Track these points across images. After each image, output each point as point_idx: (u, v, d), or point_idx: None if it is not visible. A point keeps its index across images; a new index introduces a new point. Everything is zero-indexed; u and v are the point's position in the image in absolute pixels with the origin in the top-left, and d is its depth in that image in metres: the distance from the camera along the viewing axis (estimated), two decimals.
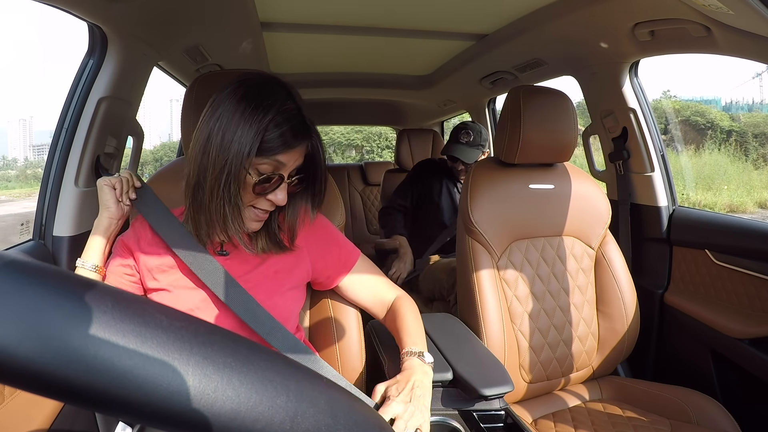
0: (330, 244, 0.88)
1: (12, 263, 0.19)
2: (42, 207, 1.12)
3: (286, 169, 0.74)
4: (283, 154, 0.72)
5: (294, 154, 0.74)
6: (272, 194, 0.74)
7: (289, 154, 0.73)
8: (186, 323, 0.22)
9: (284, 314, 0.81)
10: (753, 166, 9.85)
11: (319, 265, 0.87)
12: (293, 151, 0.73)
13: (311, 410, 0.22)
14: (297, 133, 0.72)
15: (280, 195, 0.74)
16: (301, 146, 0.75)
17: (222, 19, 1.38)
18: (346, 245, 0.91)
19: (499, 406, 0.87)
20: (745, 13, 0.85)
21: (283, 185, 0.74)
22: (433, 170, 2.09)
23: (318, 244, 0.87)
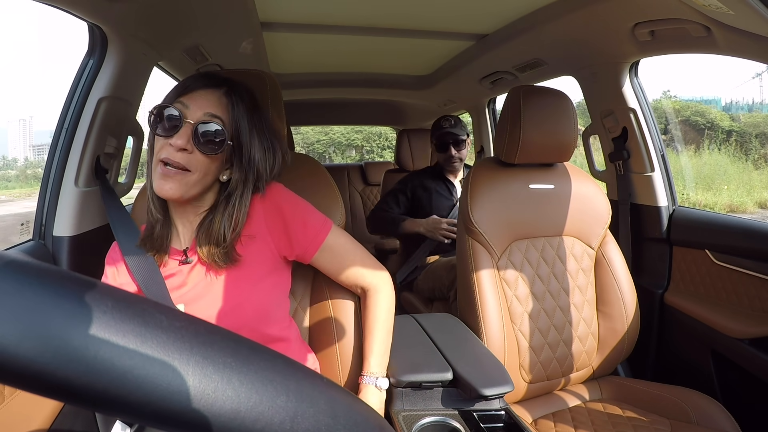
0: (293, 220, 0.82)
1: (12, 263, 0.19)
2: (42, 207, 1.12)
3: (191, 113, 0.72)
4: (185, 96, 0.73)
5: (198, 97, 0.73)
6: (174, 137, 0.71)
7: (191, 96, 0.73)
8: (186, 323, 0.22)
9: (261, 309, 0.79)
10: (753, 166, 9.84)
11: (284, 244, 0.82)
12: (196, 93, 0.73)
13: (311, 410, 0.22)
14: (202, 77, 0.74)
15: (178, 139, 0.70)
16: (207, 90, 0.74)
17: (222, 19, 1.38)
18: (314, 219, 0.84)
19: (499, 406, 0.88)
20: (745, 13, 0.85)
21: (186, 128, 0.71)
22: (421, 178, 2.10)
23: (277, 222, 0.81)
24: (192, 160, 0.72)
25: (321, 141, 16.02)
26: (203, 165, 0.73)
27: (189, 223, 0.80)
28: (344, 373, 0.91)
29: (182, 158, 0.71)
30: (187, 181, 0.72)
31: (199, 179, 0.74)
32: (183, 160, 0.71)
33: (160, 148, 0.72)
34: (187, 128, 0.71)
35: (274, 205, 0.82)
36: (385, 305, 0.89)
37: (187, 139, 0.71)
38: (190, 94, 0.73)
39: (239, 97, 0.76)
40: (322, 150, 15.87)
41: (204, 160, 0.73)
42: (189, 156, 0.72)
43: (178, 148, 0.71)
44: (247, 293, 0.78)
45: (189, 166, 0.72)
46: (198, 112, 0.72)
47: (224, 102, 0.75)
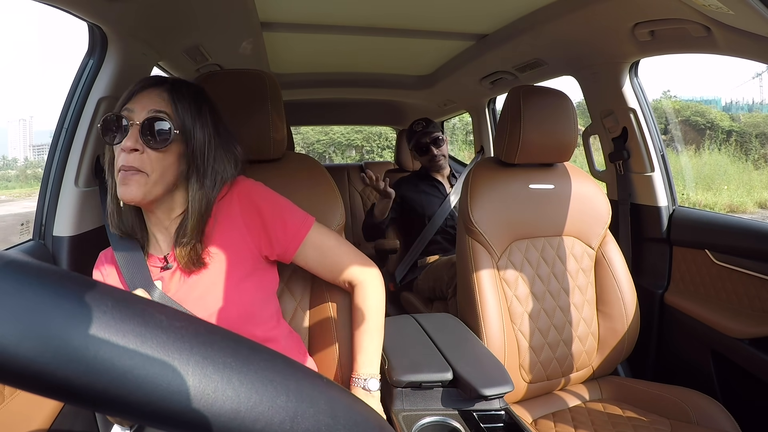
0: (272, 219, 0.82)
1: (12, 263, 0.19)
2: (42, 207, 1.12)
3: (137, 114, 0.72)
4: (130, 102, 0.73)
5: (140, 98, 0.74)
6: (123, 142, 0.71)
7: (134, 100, 0.73)
8: (186, 323, 0.22)
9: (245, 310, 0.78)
10: (753, 166, 9.84)
11: (264, 243, 0.82)
12: (138, 95, 0.74)
13: (311, 410, 0.22)
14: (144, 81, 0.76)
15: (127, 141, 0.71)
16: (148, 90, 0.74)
17: (222, 19, 1.38)
18: (293, 216, 0.84)
19: (499, 406, 0.88)
20: (745, 13, 0.85)
21: (133, 130, 0.72)
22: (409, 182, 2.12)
23: (256, 221, 0.81)
24: (146, 160, 0.72)
25: (321, 141, 16.02)
26: (158, 163, 0.73)
27: (164, 229, 0.80)
28: (344, 374, 0.91)
29: (135, 160, 0.71)
30: (145, 182, 0.72)
31: (158, 178, 0.73)
32: (137, 162, 0.71)
33: (116, 157, 0.73)
34: (134, 130, 0.72)
35: (251, 203, 0.82)
36: (374, 300, 0.87)
37: (135, 139, 0.71)
38: (133, 99, 0.74)
39: (181, 92, 0.76)
40: (322, 150, 15.87)
41: (157, 157, 0.73)
42: (142, 156, 0.72)
43: (129, 150, 0.71)
44: (229, 295, 0.77)
45: (144, 167, 0.72)
46: (142, 113, 0.73)
47: (166, 97, 0.75)
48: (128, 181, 0.71)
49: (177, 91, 0.76)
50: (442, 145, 2.08)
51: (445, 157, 2.09)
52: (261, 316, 0.81)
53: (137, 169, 0.71)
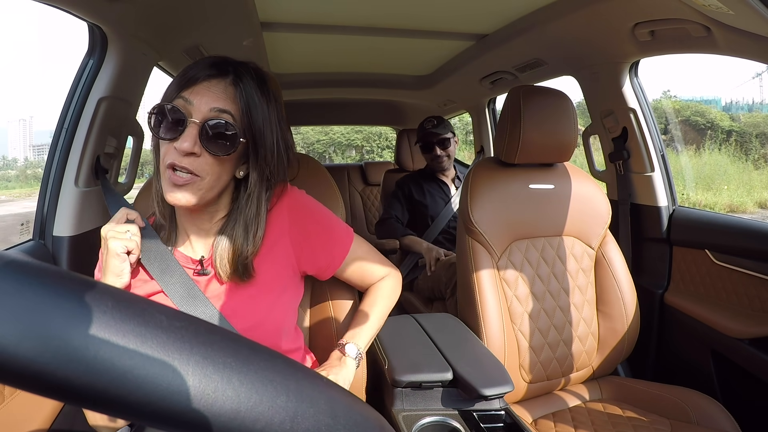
0: (317, 232, 0.78)
1: (12, 263, 0.19)
2: (42, 207, 1.12)
3: (196, 110, 0.64)
4: (187, 90, 0.64)
5: (202, 90, 0.64)
6: (179, 140, 0.63)
7: (194, 90, 0.64)
8: (186, 323, 0.22)
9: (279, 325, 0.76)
10: (753, 166, 9.84)
11: (306, 258, 0.78)
12: (199, 85, 0.64)
13: (311, 410, 0.22)
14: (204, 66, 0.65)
15: (184, 142, 0.62)
16: (212, 81, 0.65)
17: (222, 19, 1.38)
18: (337, 230, 0.81)
19: (499, 406, 0.88)
20: (745, 13, 0.85)
21: (191, 129, 0.63)
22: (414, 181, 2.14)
23: (301, 233, 0.77)
24: (202, 163, 0.64)
25: (321, 141, 16.02)
26: (215, 167, 0.66)
27: (203, 231, 0.74)
28: None
29: (191, 163, 0.63)
30: (200, 187, 0.65)
31: (213, 183, 0.66)
32: (192, 165, 0.63)
33: (166, 152, 0.65)
34: (192, 128, 0.63)
35: (301, 217, 0.77)
36: (386, 290, 0.87)
37: (194, 141, 0.63)
38: (192, 88, 0.65)
39: (248, 84, 0.67)
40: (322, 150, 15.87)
41: (214, 163, 0.65)
42: (198, 160, 0.64)
43: (184, 153, 0.63)
44: (267, 311, 0.74)
45: (199, 171, 0.64)
46: (203, 108, 0.64)
47: (231, 92, 0.66)
48: (180, 184, 0.64)
49: (244, 84, 0.66)
50: (449, 147, 2.08)
51: (449, 158, 2.09)
52: (289, 330, 0.79)
53: (192, 173, 0.64)
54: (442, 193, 2.10)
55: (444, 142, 2.07)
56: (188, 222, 0.74)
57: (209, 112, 0.64)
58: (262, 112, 0.68)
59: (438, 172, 2.12)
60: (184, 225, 0.74)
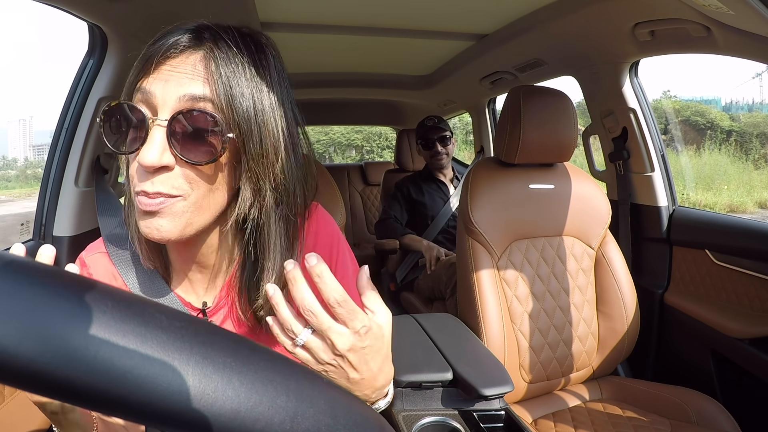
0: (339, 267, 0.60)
1: (12, 263, 0.19)
2: (42, 207, 1.12)
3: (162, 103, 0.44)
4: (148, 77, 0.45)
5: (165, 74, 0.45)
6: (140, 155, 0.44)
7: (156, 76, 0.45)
8: (186, 323, 0.22)
9: None
10: (753, 166, 9.84)
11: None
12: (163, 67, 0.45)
13: (311, 410, 0.22)
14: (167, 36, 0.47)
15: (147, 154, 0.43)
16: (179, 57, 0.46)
17: (222, 20, 1.37)
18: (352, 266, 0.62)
19: (499, 406, 0.87)
20: (745, 13, 0.85)
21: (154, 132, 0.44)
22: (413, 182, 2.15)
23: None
24: (179, 179, 0.45)
25: (321, 141, 16.01)
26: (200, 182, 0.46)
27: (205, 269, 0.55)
28: None
29: (164, 183, 0.44)
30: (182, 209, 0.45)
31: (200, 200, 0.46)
32: (166, 186, 0.44)
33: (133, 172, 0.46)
34: (156, 132, 0.44)
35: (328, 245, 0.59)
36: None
37: (161, 150, 0.43)
38: (154, 73, 0.45)
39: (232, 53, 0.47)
40: (322, 150, 15.86)
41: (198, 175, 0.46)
42: (172, 175, 0.45)
43: (151, 169, 0.43)
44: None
45: (178, 189, 0.45)
46: (170, 100, 0.44)
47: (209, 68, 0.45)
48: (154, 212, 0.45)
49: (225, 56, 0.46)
50: (449, 145, 2.12)
51: (448, 156, 2.12)
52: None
53: (168, 195, 0.45)
54: (441, 192, 2.11)
55: (444, 139, 2.10)
56: (182, 260, 0.55)
57: (178, 102, 0.44)
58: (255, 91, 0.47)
59: (437, 170, 2.13)
60: (177, 265, 0.55)
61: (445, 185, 2.13)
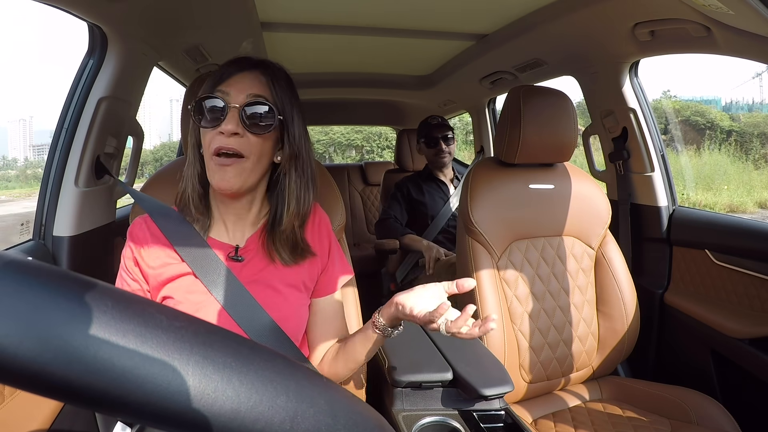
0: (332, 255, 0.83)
1: (12, 263, 0.19)
2: (42, 207, 1.12)
3: (233, 98, 0.70)
4: (224, 83, 0.71)
5: (235, 82, 0.71)
6: (222, 124, 0.69)
7: (230, 82, 0.71)
8: (186, 323, 0.22)
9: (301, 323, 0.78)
10: (753, 166, 9.85)
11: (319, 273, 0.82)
12: (232, 79, 0.71)
13: (311, 410, 0.22)
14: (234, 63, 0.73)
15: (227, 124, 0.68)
16: (243, 73, 0.72)
17: (222, 19, 1.38)
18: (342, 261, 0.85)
19: (499, 406, 0.87)
20: (745, 13, 0.85)
21: (232, 113, 0.69)
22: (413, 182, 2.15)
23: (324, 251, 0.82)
24: (245, 143, 0.70)
25: (321, 141, 16.02)
26: (257, 147, 0.71)
27: (240, 220, 0.78)
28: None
29: (236, 142, 0.69)
30: (244, 168, 0.70)
31: (255, 164, 0.71)
32: (237, 145, 0.69)
33: (210, 141, 0.70)
34: (233, 112, 0.69)
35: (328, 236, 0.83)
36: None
37: (236, 123, 0.69)
38: (227, 81, 0.71)
39: (276, 75, 0.74)
40: (322, 150, 15.87)
41: (257, 142, 0.70)
42: (241, 140, 0.69)
43: (229, 134, 0.68)
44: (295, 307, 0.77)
45: (244, 150, 0.70)
46: (240, 96, 0.70)
47: (263, 80, 0.72)
48: (227, 167, 0.69)
49: (274, 75, 0.74)
50: (452, 144, 2.12)
51: (450, 155, 2.13)
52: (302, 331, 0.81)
53: (237, 153, 0.69)
54: (441, 192, 2.11)
55: (447, 137, 2.10)
56: (226, 211, 0.77)
57: (245, 97, 0.70)
58: (289, 97, 0.74)
59: (438, 170, 2.13)
60: (221, 215, 0.78)
61: (445, 185, 2.13)
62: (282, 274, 0.77)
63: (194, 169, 0.75)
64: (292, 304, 0.77)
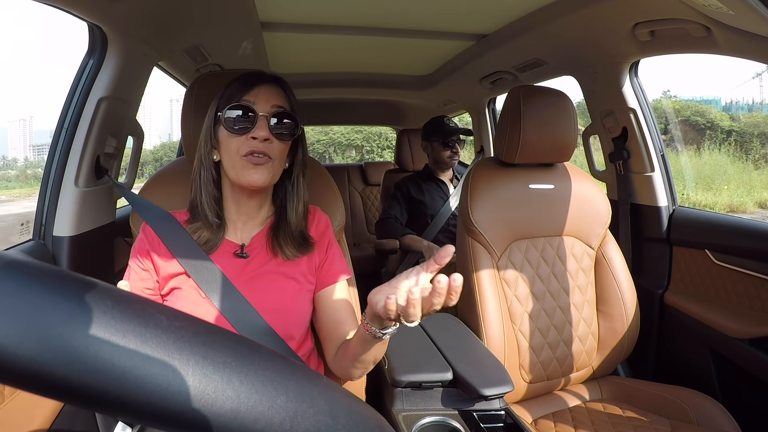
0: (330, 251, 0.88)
1: (12, 263, 0.19)
2: (42, 207, 1.12)
3: (259, 106, 0.77)
4: (248, 94, 0.78)
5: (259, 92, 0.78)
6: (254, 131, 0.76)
7: (254, 93, 0.78)
8: (186, 323, 0.22)
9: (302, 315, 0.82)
10: (753, 166, 9.85)
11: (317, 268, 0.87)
12: (255, 89, 0.78)
13: (311, 410, 0.22)
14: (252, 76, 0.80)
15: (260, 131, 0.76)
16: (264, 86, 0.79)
17: (222, 19, 1.38)
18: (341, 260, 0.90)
19: (499, 406, 0.88)
20: (745, 13, 0.85)
21: (261, 121, 0.77)
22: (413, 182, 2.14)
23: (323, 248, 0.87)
24: (273, 148, 0.78)
25: (321, 141, 16.02)
26: (280, 152, 0.79)
27: (250, 219, 0.84)
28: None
29: (266, 147, 0.77)
30: (270, 167, 0.78)
31: (278, 165, 0.80)
32: (267, 149, 0.77)
33: (239, 145, 0.77)
34: (263, 120, 0.77)
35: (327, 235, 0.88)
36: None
37: (267, 130, 0.77)
38: (251, 92, 0.78)
39: (289, 89, 0.83)
40: (322, 150, 15.87)
41: (281, 148, 0.79)
42: (270, 145, 0.78)
43: (262, 139, 0.76)
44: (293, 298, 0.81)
45: (272, 154, 0.78)
46: (266, 106, 0.78)
47: (281, 93, 0.81)
48: (259, 166, 0.77)
49: (288, 89, 0.83)
50: (462, 147, 2.14)
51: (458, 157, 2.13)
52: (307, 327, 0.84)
53: (267, 156, 0.77)
54: (441, 192, 2.11)
55: (461, 143, 2.12)
56: (237, 212, 0.84)
57: (270, 108, 0.78)
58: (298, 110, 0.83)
59: (439, 170, 2.13)
60: (232, 216, 0.84)
61: (445, 184, 2.13)
62: (283, 268, 0.82)
63: (209, 176, 0.81)
64: (293, 294, 0.81)
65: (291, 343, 0.79)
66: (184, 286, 0.78)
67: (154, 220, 0.82)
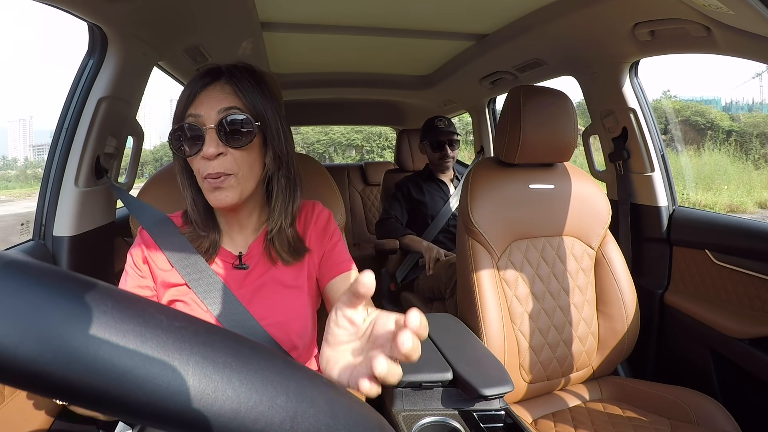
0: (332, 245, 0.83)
1: (12, 263, 0.19)
2: (42, 207, 1.12)
3: (207, 118, 0.68)
4: (192, 105, 0.69)
5: (203, 99, 0.69)
6: (204, 150, 0.68)
7: (198, 102, 0.69)
8: (186, 323, 0.22)
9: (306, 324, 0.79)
10: (753, 166, 9.85)
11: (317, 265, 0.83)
12: (200, 96, 0.69)
13: (311, 410, 0.22)
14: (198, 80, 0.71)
15: (209, 148, 0.67)
16: (209, 87, 0.70)
17: (222, 19, 1.38)
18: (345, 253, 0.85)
19: (499, 406, 0.88)
20: (745, 13, 0.85)
21: (209, 135, 0.68)
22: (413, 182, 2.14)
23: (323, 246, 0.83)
24: (230, 162, 0.69)
25: (321, 141, 16.02)
26: (244, 160, 0.70)
27: (243, 227, 0.79)
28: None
29: (221, 165, 0.68)
30: (235, 183, 0.70)
31: (247, 175, 0.71)
32: (223, 167, 0.69)
33: (198, 166, 0.70)
34: (210, 134, 0.68)
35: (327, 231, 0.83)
36: None
37: (216, 144, 0.68)
38: (194, 103, 0.70)
39: (239, 78, 0.72)
40: (322, 150, 15.87)
41: (242, 156, 0.70)
42: (226, 159, 0.69)
43: (213, 156, 0.68)
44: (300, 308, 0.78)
45: (230, 169, 0.69)
46: (212, 114, 0.68)
47: (229, 90, 0.70)
48: (219, 188, 0.69)
49: (238, 80, 0.71)
50: (456, 149, 2.12)
51: (454, 159, 2.12)
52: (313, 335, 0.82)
53: (225, 174, 0.69)
54: (441, 192, 2.11)
55: (454, 143, 2.09)
56: (228, 221, 0.79)
57: (217, 114, 0.69)
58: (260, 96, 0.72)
59: (439, 172, 2.13)
60: (224, 226, 0.80)
61: (445, 185, 2.13)
62: (284, 276, 0.78)
63: (189, 193, 0.76)
64: (296, 304, 0.78)
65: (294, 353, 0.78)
66: (185, 298, 0.75)
67: (151, 224, 0.78)
